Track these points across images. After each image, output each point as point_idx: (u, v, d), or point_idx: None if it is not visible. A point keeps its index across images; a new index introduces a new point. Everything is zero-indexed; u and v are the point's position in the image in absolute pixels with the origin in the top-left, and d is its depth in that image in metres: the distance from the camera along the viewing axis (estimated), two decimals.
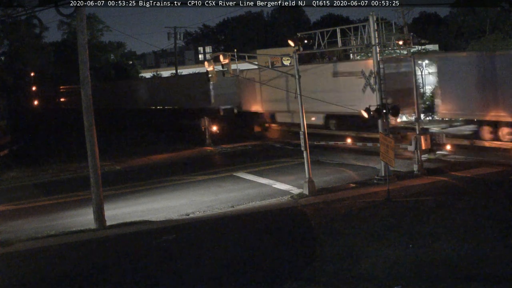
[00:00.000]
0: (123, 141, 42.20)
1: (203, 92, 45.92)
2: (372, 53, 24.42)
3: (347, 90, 33.30)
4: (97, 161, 20.35)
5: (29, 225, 21.43)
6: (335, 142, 33.58)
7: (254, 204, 22.15)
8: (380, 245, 15.53)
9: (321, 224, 18.40)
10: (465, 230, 16.19)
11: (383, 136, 21.69)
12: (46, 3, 20.36)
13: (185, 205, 22.64)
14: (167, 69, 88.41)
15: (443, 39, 73.45)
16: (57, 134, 49.38)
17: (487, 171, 23.86)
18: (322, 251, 15.79)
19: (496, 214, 17.53)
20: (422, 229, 16.57)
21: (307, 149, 22.79)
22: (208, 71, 25.88)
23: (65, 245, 18.44)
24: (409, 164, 25.45)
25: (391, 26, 36.89)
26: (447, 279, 12.99)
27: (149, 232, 19.11)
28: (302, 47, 23.92)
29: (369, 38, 24.23)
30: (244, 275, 14.58)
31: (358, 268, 14.10)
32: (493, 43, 51.37)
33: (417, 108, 26.14)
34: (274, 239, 17.46)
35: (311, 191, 22.46)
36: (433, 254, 14.47)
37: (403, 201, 20.15)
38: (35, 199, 26.00)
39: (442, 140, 28.25)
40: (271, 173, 27.44)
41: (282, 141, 37.27)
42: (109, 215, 20.64)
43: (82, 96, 20.25)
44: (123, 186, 27.15)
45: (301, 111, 23.01)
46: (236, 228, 19.03)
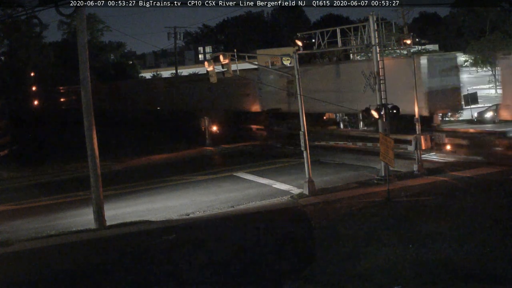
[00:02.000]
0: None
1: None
2: (372, 53, 24.43)
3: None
4: (97, 161, 20.34)
5: (29, 225, 21.42)
6: (335, 142, 33.58)
7: (254, 204, 22.15)
8: (380, 245, 15.52)
9: (321, 224, 18.40)
10: (465, 230, 16.19)
11: (383, 136, 21.69)
12: (46, 3, 20.33)
13: (185, 205, 22.64)
14: (167, 69, 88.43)
15: (443, 39, 73.43)
16: (57, 134, 49.35)
17: (487, 171, 23.86)
18: (322, 251, 15.79)
19: (496, 214, 17.53)
20: (422, 229, 16.57)
21: (307, 149, 22.79)
22: (208, 71, 25.89)
23: (65, 245, 18.42)
24: (409, 164, 25.46)
25: (391, 26, 36.83)
26: (447, 279, 12.99)
27: (149, 232, 19.10)
28: (302, 47, 23.96)
29: (369, 38, 24.24)
30: (244, 275, 14.58)
31: (358, 268, 14.10)
32: (493, 43, 51.41)
33: (417, 108, 26.14)
34: (274, 239, 17.45)
35: (311, 191, 22.47)
36: (433, 254, 14.47)
37: (403, 201, 20.15)
38: (35, 199, 25.99)
39: (442, 140, 28.23)
40: (271, 173, 27.45)
41: (282, 141, 37.25)
42: (109, 215, 20.63)
43: (82, 96, 20.24)
44: (123, 186, 27.15)
45: (301, 111, 23.02)
46: (236, 228, 19.03)
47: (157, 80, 73.51)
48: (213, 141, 38.51)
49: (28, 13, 23.24)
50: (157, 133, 46.24)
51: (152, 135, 45.53)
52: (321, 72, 35.43)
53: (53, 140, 45.86)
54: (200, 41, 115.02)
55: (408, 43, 26.44)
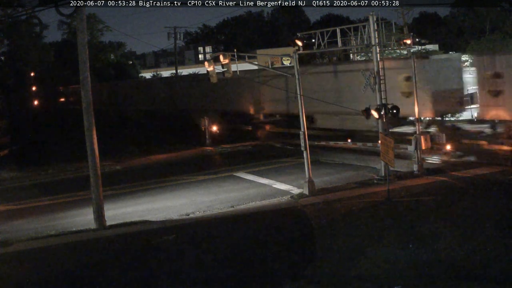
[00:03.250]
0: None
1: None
2: (372, 53, 24.43)
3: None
4: (97, 161, 20.34)
5: (29, 225, 21.42)
6: (335, 142, 33.56)
7: (254, 204, 22.15)
8: (380, 245, 15.53)
9: (321, 224, 18.40)
10: (465, 230, 16.19)
11: (383, 136, 21.69)
12: (46, 3, 20.35)
13: (185, 205, 22.64)
14: (167, 69, 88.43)
15: (443, 39, 73.48)
16: (57, 134, 49.34)
17: (487, 171, 23.85)
18: (322, 251, 15.80)
19: (496, 214, 17.53)
20: (422, 229, 16.57)
21: (307, 149, 22.80)
22: (208, 71, 25.88)
23: (65, 245, 18.42)
24: (409, 164, 25.46)
25: (391, 26, 36.82)
26: (447, 279, 12.99)
27: (149, 232, 19.10)
28: (302, 47, 23.93)
29: (369, 38, 24.23)
30: (244, 275, 14.58)
31: (358, 268, 14.09)
32: (493, 43, 51.42)
33: (417, 108, 26.12)
34: (274, 239, 17.44)
35: (311, 191, 22.46)
36: (433, 254, 14.47)
37: (403, 201, 20.14)
38: (35, 199, 25.98)
39: (442, 140, 28.23)
40: (271, 173, 27.44)
41: (282, 141, 37.28)
42: (109, 215, 20.63)
43: (82, 96, 20.23)
44: (123, 186, 27.14)
45: (301, 111, 23.02)
46: (236, 228, 19.03)
47: (157, 80, 73.54)
48: (213, 141, 38.51)
49: (28, 13, 23.28)
50: (157, 133, 46.23)
51: (152, 135, 45.52)
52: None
53: (53, 140, 45.83)
54: (200, 41, 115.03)
55: (408, 43, 26.44)
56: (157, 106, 57.76)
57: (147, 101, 60.09)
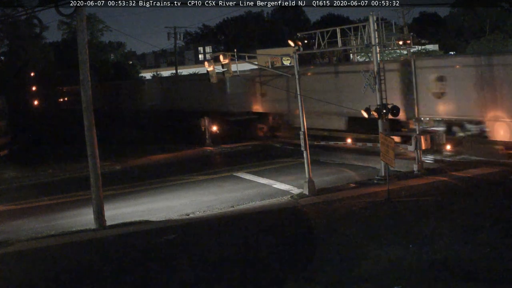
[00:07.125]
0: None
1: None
2: (372, 53, 24.43)
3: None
4: (97, 161, 20.35)
5: (29, 225, 21.43)
6: (335, 142, 33.56)
7: (254, 204, 22.15)
8: (380, 245, 15.52)
9: (321, 224, 18.40)
10: (465, 230, 16.19)
11: (383, 136, 21.69)
12: (46, 3, 20.38)
13: (185, 205, 22.64)
14: (167, 69, 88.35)
15: (443, 39, 73.45)
16: (57, 134, 49.35)
17: (487, 171, 23.84)
18: (322, 251, 15.80)
19: (496, 214, 17.53)
20: (422, 229, 16.57)
21: (307, 149, 22.79)
22: (208, 71, 25.86)
23: (65, 245, 18.43)
24: (409, 164, 25.45)
25: (391, 26, 36.81)
26: (447, 279, 12.99)
27: (149, 232, 19.10)
28: (302, 47, 23.92)
29: (369, 38, 24.23)
30: (244, 275, 14.58)
31: (358, 268, 14.09)
32: (493, 43, 51.42)
33: (417, 108, 26.16)
34: (274, 239, 17.44)
35: (311, 191, 22.46)
36: (433, 254, 14.47)
37: (403, 201, 20.14)
38: (35, 199, 26.00)
39: (442, 140, 28.21)
40: (271, 173, 27.44)
41: (282, 141, 37.29)
42: (109, 215, 20.63)
43: (82, 96, 20.24)
44: (123, 186, 27.15)
45: (301, 111, 23.02)
46: (236, 228, 19.03)
47: (157, 80, 73.50)
48: (213, 141, 38.50)
49: (28, 13, 23.29)
50: (157, 133, 46.23)
51: (152, 135, 45.52)
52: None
53: (53, 140, 45.86)
54: (200, 41, 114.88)
55: (408, 43, 26.43)
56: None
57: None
